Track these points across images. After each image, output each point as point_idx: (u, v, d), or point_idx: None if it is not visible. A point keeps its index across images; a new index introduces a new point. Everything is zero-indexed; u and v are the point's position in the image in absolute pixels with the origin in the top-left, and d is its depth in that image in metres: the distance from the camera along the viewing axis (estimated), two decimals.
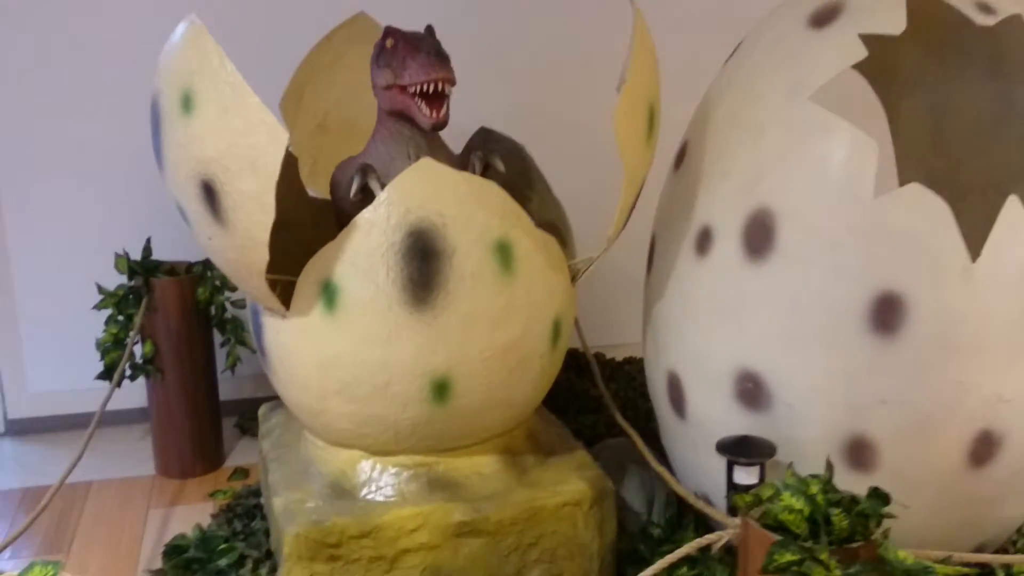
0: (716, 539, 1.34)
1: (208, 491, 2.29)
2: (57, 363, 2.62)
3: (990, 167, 1.61)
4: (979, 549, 1.78)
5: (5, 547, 1.85)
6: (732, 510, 1.56)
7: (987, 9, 1.64)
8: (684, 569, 1.52)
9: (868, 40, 1.59)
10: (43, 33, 2.45)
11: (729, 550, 1.45)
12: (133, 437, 2.60)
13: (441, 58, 1.66)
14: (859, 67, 1.60)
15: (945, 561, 1.28)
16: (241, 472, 2.37)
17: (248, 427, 2.62)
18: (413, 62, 1.66)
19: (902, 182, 1.56)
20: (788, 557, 1.16)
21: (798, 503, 1.22)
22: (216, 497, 2.24)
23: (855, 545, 1.19)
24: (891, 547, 1.19)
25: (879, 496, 1.25)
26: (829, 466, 1.37)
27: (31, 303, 2.59)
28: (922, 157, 1.60)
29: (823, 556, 1.15)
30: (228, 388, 2.56)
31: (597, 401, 2.52)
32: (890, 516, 1.23)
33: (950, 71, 1.63)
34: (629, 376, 2.72)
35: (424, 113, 1.68)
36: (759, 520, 1.24)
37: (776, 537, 1.21)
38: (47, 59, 2.47)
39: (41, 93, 2.49)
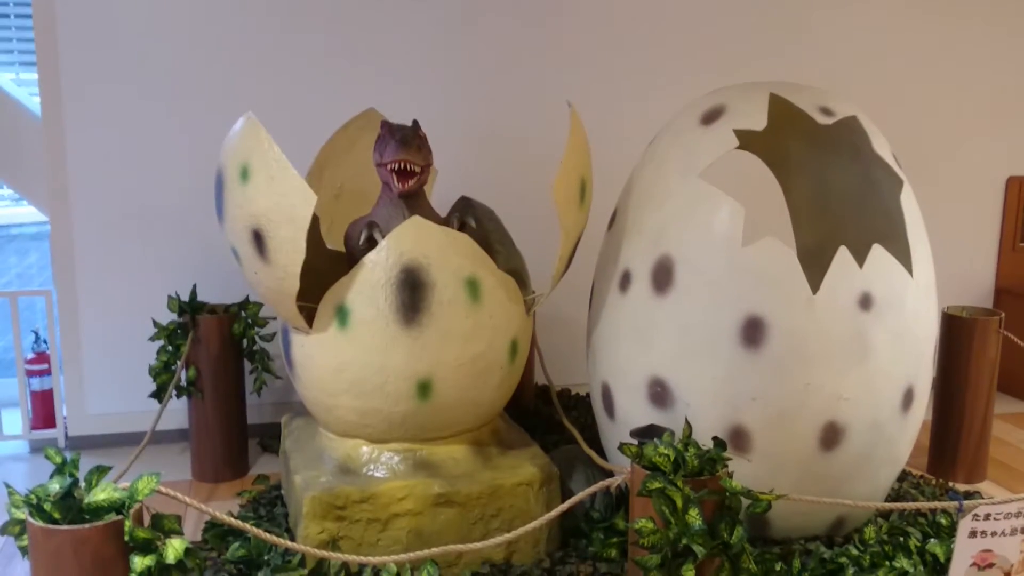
0: (613, 481, 1.84)
1: (236, 491, 2.77)
2: (110, 390, 3.12)
3: (859, 226, 2.15)
4: (838, 522, 2.27)
5: None
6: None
7: (828, 112, 2.22)
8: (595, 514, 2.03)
9: (739, 134, 2.16)
10: (122, 130, 3.00)
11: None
12: (173, 452, 3.10)
13: (407, 144, 2.20)
14: (757, 153, 2.12)
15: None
16: (263, 478, 2.85)
17: (269, 445, 3.13)
18: (387, 146, 2.21)
19: (799, 240, 2.06)
20: (656, 484, 1.67)
21: (666, 451, 1.73)
22: (243, 495, 2.72)
23: (703, 478, 1.70)
24: (728, 480, 1.70)
25: (719, 443, 1.76)
26: (715, 440, 1.86)
27: (92, 341, 3.10)
28: (810, 219, 2.13)
29: (679, 483, 1.66)
30: (253, 413, 3.08)
31: (560, 426, 3.02)
32: (728, 458, 1.75)
33: (826, 156, 2.19)
34: (587, 405, 3.23)
35: (395, 184, 2.23)
36: (639, 463, 1.75)
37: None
38: (123, 148, 3.01)
39: (117, 171, 3.02)
